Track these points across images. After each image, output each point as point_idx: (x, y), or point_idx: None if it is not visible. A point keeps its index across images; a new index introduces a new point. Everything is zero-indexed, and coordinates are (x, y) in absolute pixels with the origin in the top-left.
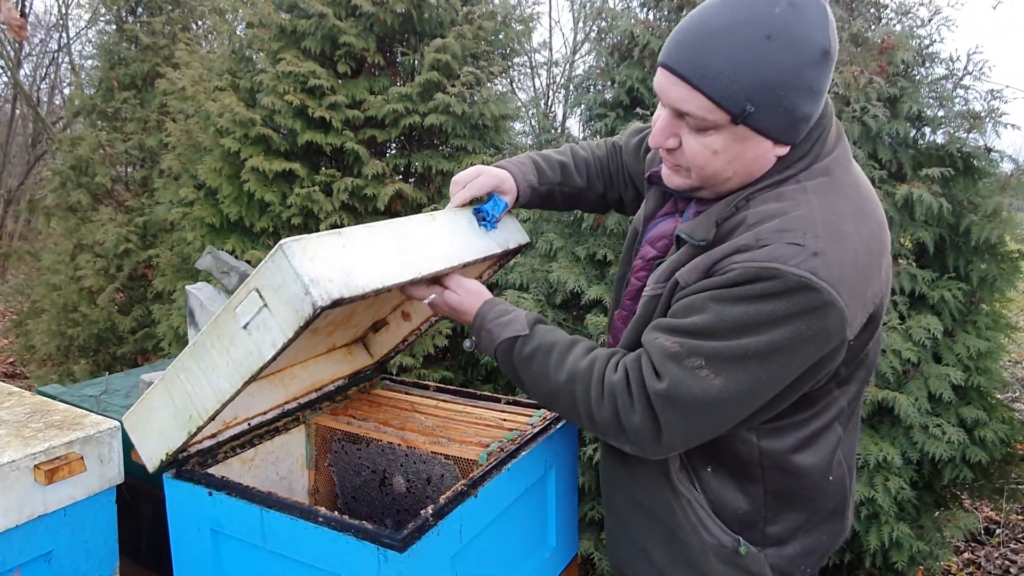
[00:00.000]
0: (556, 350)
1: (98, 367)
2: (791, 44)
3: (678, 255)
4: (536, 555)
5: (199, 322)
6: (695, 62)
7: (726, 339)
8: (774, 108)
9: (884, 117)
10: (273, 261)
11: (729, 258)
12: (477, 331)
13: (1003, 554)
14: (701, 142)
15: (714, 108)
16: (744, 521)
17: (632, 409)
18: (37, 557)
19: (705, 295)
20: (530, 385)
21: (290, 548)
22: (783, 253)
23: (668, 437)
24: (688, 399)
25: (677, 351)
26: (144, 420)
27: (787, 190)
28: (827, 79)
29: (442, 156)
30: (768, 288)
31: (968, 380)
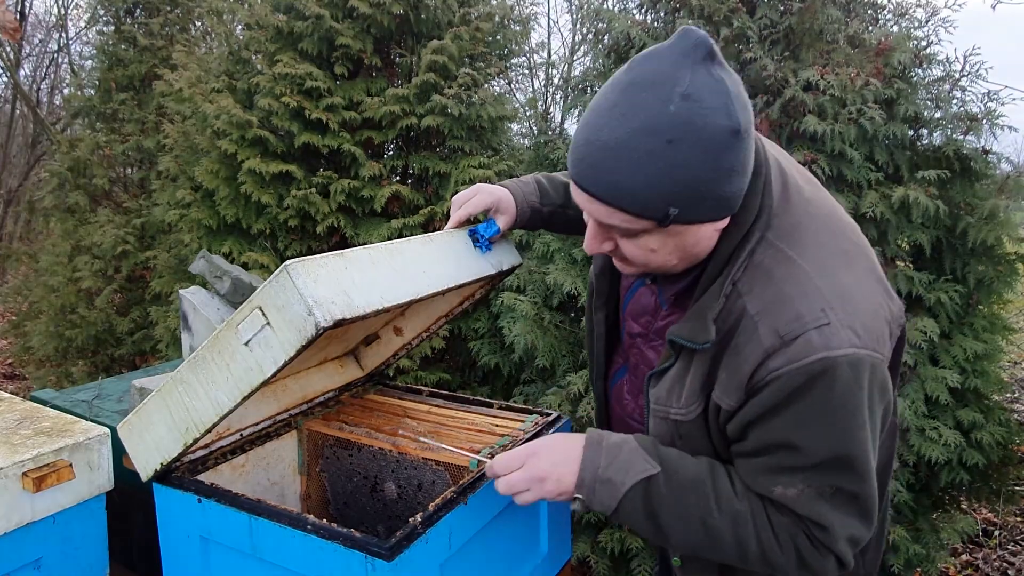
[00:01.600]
0: (702, 486)
1: (96, 368)
2: (696, 141)
3: (682, 365)
4: (528, 561)
5: (192, 326)
6: (603, 181)
7: (832, 463)
8: (698, 202)
9: (880, 119)
10: (277, 281)
11: (763, 367)
12: (590, 486)
13: (1001, 556)
14: (635, 244)
15: (635, 219)
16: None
17: (816, 551)
18: (26, 564)
19: (775, 425)
20: (675, 527)
21: (279, 556)
22: (819, 341)
23: (847, 561)
24: (850, 527)
25: (806, 492)
26: (139, 430)
27: (768, 263)
28: (748, 151)
29: (439, 158)
30: (828, 385)
31: (965, 383)
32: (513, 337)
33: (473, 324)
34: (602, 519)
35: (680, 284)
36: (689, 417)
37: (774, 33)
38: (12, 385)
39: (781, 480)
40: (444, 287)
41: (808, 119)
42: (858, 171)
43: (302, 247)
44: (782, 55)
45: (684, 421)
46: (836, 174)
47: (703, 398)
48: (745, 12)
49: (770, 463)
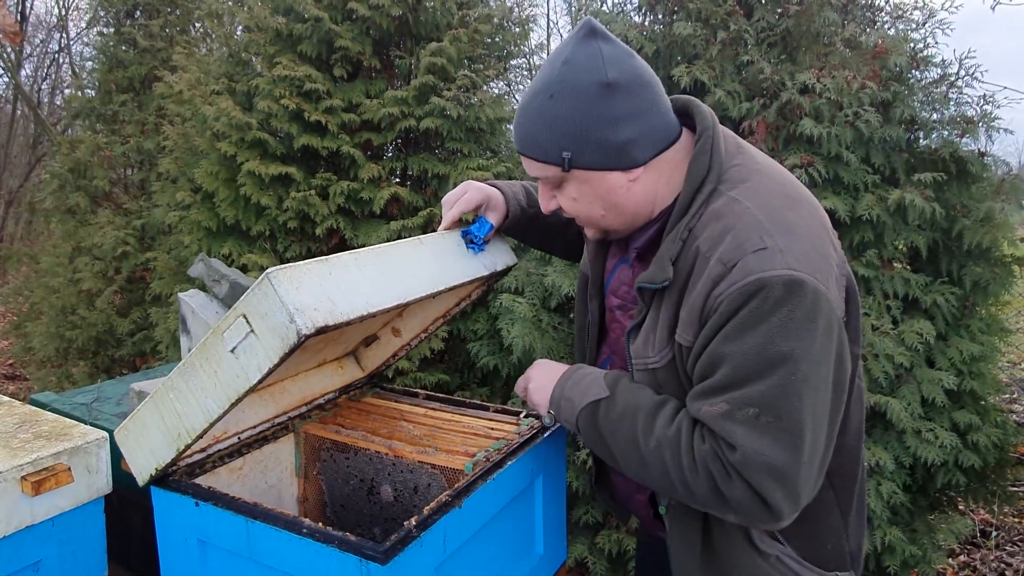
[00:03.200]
0: (642, 413)
1: (96, 369)
2: (571, 94)
3: (652, 315)
4: (523, 564)
5: (191, 329)
6: (519, 138)
7: (762, 376)
8: (587, 146)
9: (877, 122)
10: (260, 289)
11: (711, 296)
12: (556, 402)
13: (999, 557)
14: (564, 196)
15: (545, 166)
16: (834, 554)
17: (730, 481)
18: (25, 567)
19: (715, 343)
20: (618, 454)
21: (275, 558)
22: (755, 263)
23: (771, 499)
24: (768, 454)
25: (727, 410)
26: (135, 435)
27: (719, 207)
28: (629, 101)
29: (438, 159)
30: (763, 301)
31: (961, 384)
32: (512, 338)
33: (472, 325)
34: (599, 520)
35: (639, 241)
36: (662, 363)
37: (771, 36)
38: (13, 386)
39: (709, 400)
40: (433, 290)
41: (805, 122)
42: (854, 174)
43: (301, 249)
44: (779, 58)
45: (659, 368)
46: (832, 177)
47: (671, 343)
48: (742, 15)
49: (704, 387)
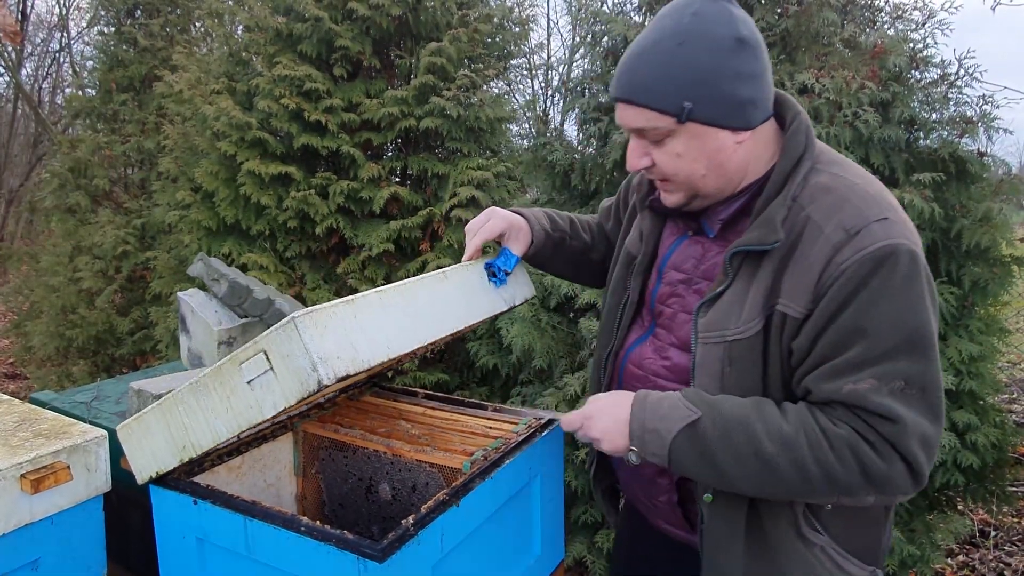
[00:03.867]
0: (745, 421)
1: (97, 368)
2: (703, 43)
3: (744, 279)
4: (521, 562)
5: (190, 328)
6: (631, 84)
7: (903, 348)
8: (711, 98)
9: (876, 122)
10: (284, 331)
11: (832, 263)
12: (639, 438)
13: (997, 557)
14: (665, 152)
15: (659, 115)
16: (872, 547)
17: (880, 457)
18: (24, 565)
19: (848, 315)
20: (731, 466)
21: (273, 557)
22: (880, 231)
23: (919, 470)
24: (919, 424)
25: (876, 385)
26: (138, 436)
27: (826, 182)
28: (755, 62)
29: (438, 159)
30: (893, 269)
31: (960, 384)
32: (511, 338)
33: None
34: (598, 519)
35: (724, 212)
36: (748, 334)
37: (770, 36)
38: (13, 385)
39: (851, 378)
40: (454, 330)
41: None
42: None
43: (301, 248)
44: (778, 58)
45: (741, 339)
46: None
47: (764, 313)
48: None
49: (838, 364)
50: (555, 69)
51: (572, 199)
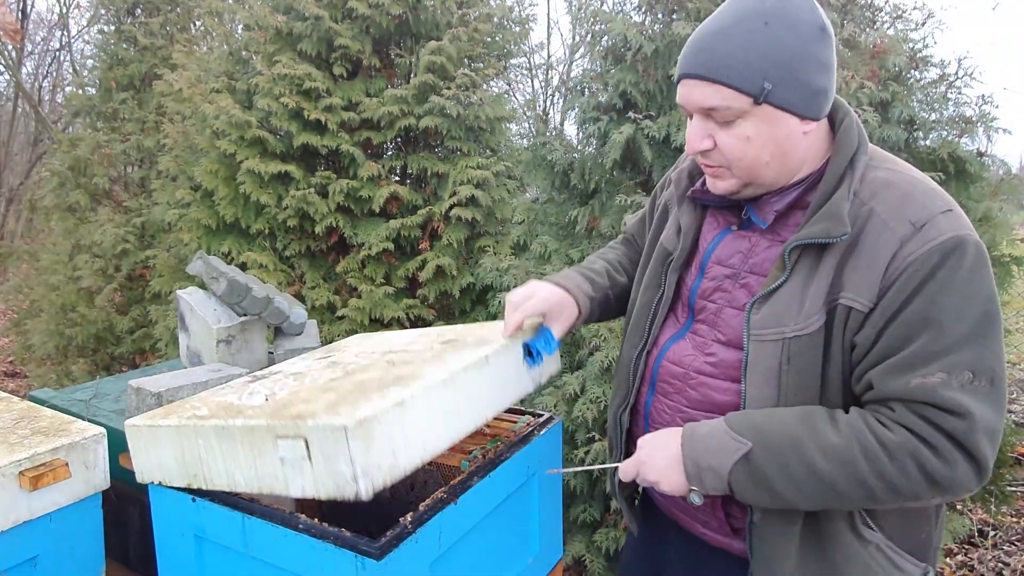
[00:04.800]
0: (802, 440)
1: (96, 367)
2: (789, 25)
3: (802, 273)
4: (519, 560)
5: (190, 326)
6: (710, 61)
7: (971, 338)
8: (790, 82)
9: (875, 122)
10: (333, 434)
11: (899, 256)
12: (696, 478)
13: (996, 556)
14: (732, 134)
15: (736, 94)
16: (924, 544)
17: (943, 460)
18: (23, 562)
19: (915, 306)
20: (791, 491)
21: (271, 554)
22: (946, 223)
23: (986, 465)
24: (988, 419)
25: (945, 379)
26: (147, 442)
27: (886, 177)
28: (831, 53)
29: (438, 158)
30: (960, 260)
31: None
32: None
33: None
34: (596, 519)
35: (781, 201)
36: (810, 330)
37: None
38: (13, 383)
39: (920, 371)
40: (485, 419)
41: None
42: None
43: (301, 246)
44: None
45: (802, 335)
46: None
47: (826, 308)
48: None
49: (906, 357)
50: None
51: (571, 198)
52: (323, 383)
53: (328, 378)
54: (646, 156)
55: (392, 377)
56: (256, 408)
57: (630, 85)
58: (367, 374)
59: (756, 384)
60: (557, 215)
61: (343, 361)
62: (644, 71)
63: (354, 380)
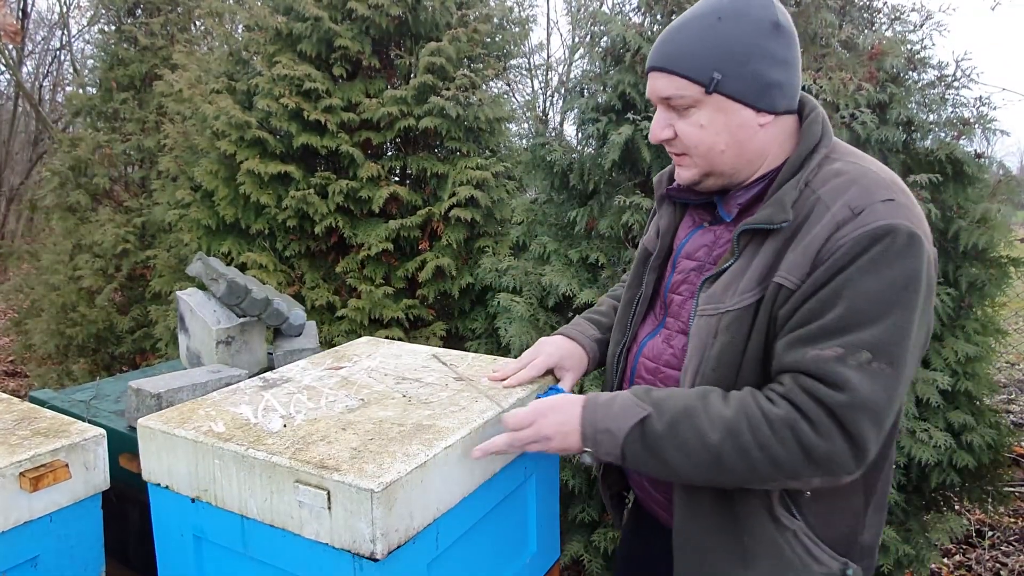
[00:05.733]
0: (694, 411)
1: (97, 366)
2: (741, 21)
3: (748, 256)
4: (516, 561)
5: (189, 327)
6: (667, 53)
7: (878, 320)
8: (740, 73)
9: (873, 123)
10: (358, 494)
11: (832, 238)
12: (591, 438)
13: (994, 556)
14: (689, 122)
15: (688, 83)
16: (847, 539)
17: (819, 434)
18: (23, 562)
19: (831, 286)
20: (680, 460)
21: (270, 555)
22: (884, 211)
23: (864, 446)
24: (875, 399)
25: (840, 355)
26: (159, 447)
27: (839, 167)
28: (789, 50)
29: (437, 159)
30: (887, 247)
31: (956, 385)
32: (509, 337)
33: (470, 324)
34: (595, 518)
35: (746, 195)
36: (741, 305)
37: None
38: (13, 382)
39: (819, 345)
40: (487, 476)
41: None
42: None
43: (300, 247)
44: None
45: (733, 311)
46: None
47: (761, 286)
48: None
49: (811, 331)
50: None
51: (571, 199)
52: (339, 413)
53: (344, 406)
54: (645, 157)
55: (411, 425)
56: (275, 437)
57: (629, 86)
58: (385, 410)
59: (690, 358)
60: (556, 216)
61: (355, 380)
62: (643, 72)
63: (372, 417)
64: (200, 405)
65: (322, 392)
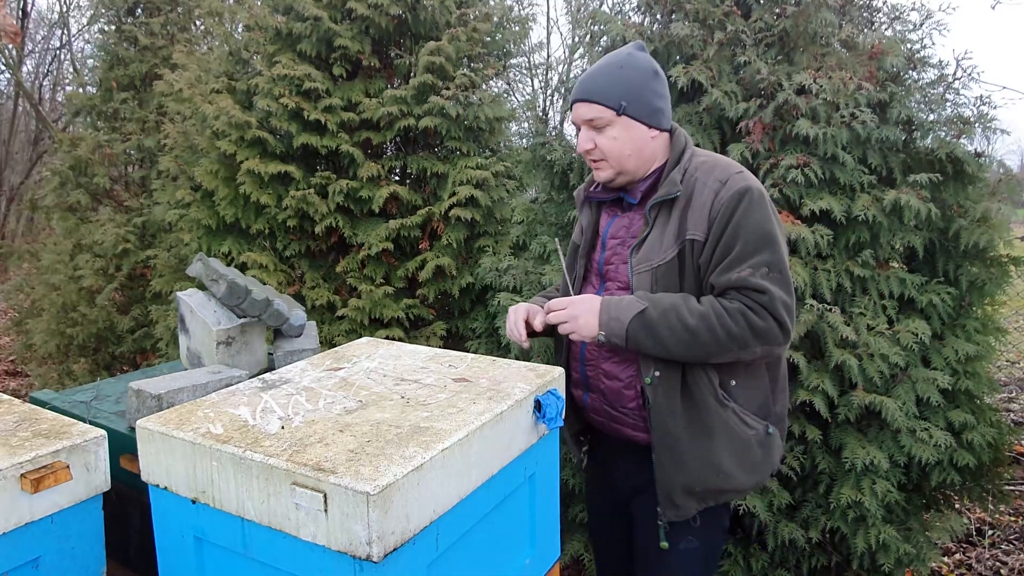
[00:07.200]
0: (679, 306)
1: (97, 366)
2: (635, 68)
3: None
4: (516, 561)
5: (190, 328)
6: (587, 89)
7: (762, 247)
8: (638, 102)
9: (873, 123)
10: (354, 497)
11: (715, 201)
12: (606, 324)
13: (994, 555)
14: (605, 137)
15: (605, 109)
16: (764, 409)
17: (760, 317)
18: (25, 563)
19: (728, 231)
20: (668, 336)
21: (271, 556)
22: (739, 179)
23: (785, 325)
24: (781, 295)
25: (752, 272)
26: (158, 448)
27: (704, 157)
28: (664, 88)
29: (437, 158)
30: (750, 199)
31: (956, 384)
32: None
33: (471, 324)
34: None
35: (644, 184)
36: (667, 259)
37: (768, 36)
38: (14, 382)
39: (736, 269)
40: (489, 476)
41: (801, 123)
42: (851, 174)
43: (301, 247)
44: (776, 58)
45: (663, 264)
46: (829, 177)
47: (678, 243)
48: (740, 15)
49: (729, 262)
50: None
51: (570, 198)
52: (337, 415)
53: (342, 408)
54: None
55: (409, 427)
56: (273, 439)
57: None
58: (383, 412)
59: None
60: (556, 215)
61: (354, 381)
62: None
63: (370, 419)
64: (199, 406)
65: (321, 393)
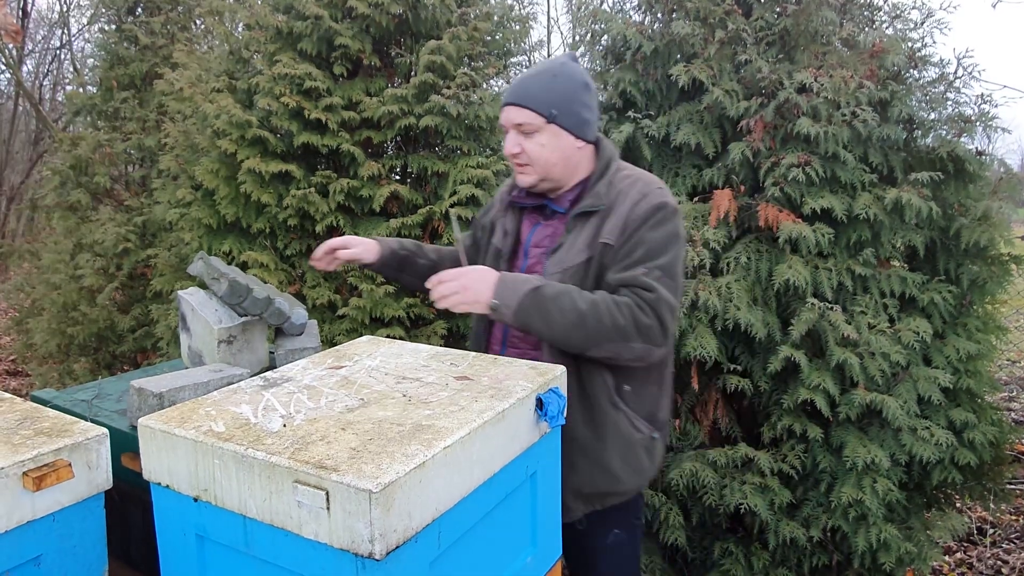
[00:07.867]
0: (568, 292)
1: (98, 365)
2: (567, 79)
3: (577, 232)
4: (518, 559)
5: (191, 327)
6: (520, 94)
7: (661, 254)
8: (567, 112)
9: (874, 121)
10: (357, 495)
11: (632, 211)
12: (499, 292)
13: (995, 554)
14: (533, 142)
15: (534, 115)
16: (652, 416)
17: (644, 313)
18: (26, 562)
19: (635, 237)
20: (557, 317)
21: (272, 554)
22: (659, 194)
23: (666, 326)
24: (667, 297)
25: (645, 272)
26: (160, 446)
27: (628, 171)
28: (593, 100)
29: (438, 157)
30: (664, 214)
31: (958, 382)
32: None
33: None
34: None
35: (572, 194)
36: (578, 261)
37: (769, 35)
38: (15, 381)
39: (632, 269)
40: (490, 474)
41: (802, 121)
42: (852, 173)
43: (301, 246)
44: (777, 57)
45: (573, 265)
46: (830, 176)
47: (590, 248)
48: (740, 14)
49: (628, 263)
50: None
51: None
52: (339, 413)
53: (344, 406)
54: (646, 155)
55: (411, 425)
56: (275, 436)
57: (630, 84)
58: (384, 410)
59: None
60: None
61: (356, 380)
62: (643, 70)
63: (372, 417)
64: (200, 404)
65: (322, 392)
